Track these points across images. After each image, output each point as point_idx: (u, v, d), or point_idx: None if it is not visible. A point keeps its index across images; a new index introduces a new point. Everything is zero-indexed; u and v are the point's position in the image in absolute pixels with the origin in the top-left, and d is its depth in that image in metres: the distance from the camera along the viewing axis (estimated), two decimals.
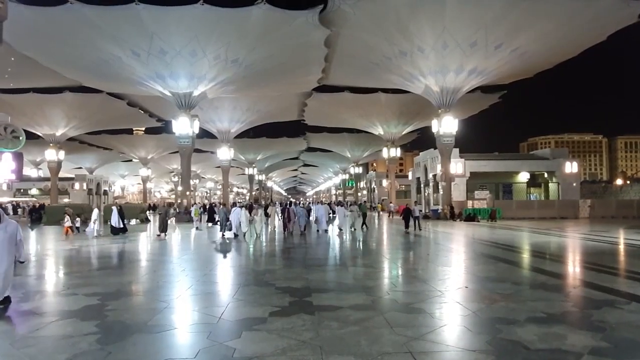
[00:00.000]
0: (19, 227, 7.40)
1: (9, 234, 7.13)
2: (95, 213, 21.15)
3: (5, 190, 59.16)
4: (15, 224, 7.38)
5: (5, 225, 7.17)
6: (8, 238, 7.11)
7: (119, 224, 21.05)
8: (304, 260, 13.02)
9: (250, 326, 6.07)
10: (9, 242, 7.14)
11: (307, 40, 26.52)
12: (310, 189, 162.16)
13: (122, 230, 21.19)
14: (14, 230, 7.26)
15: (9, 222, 7.28)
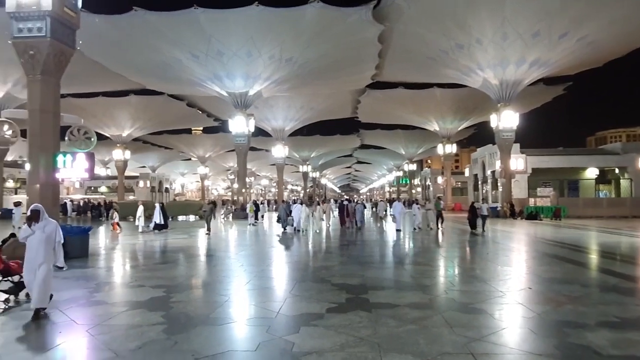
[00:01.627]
0: (58, 227, 6.80)
1: (46, 234, 6.50)
2: (140, 210, 22.21)
3: (78, 188, 63.49)
4: (54, 223, 6.75)
5: (44, 224, 6.54)
6: (46, 239, 6.49)
7: (161, 221, 22.03)
8: (360, 257, 12.98)
9: (308, 321, 6.14)
10: (47, 244, 6.51)
11: (360, 36, 26.37)
12: (363, 186, 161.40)
13: (164, 226, 22.07)
14: (53, 230, 6.63)
15: (48, 221, 6.64)
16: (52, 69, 12.52)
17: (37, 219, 6.49)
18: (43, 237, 6.45)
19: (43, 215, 6.59)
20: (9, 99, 32.08)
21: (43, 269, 6.36)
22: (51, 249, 6.57)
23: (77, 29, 13.44)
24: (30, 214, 6.55)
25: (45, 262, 6.43)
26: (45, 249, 6.45)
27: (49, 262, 6.49)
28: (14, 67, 27.24)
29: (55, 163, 12.63)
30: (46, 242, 6.47)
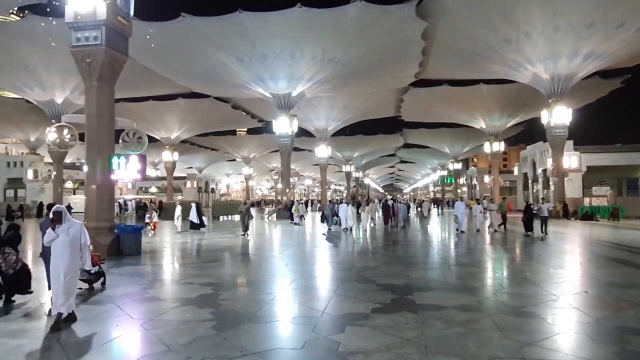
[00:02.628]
0: (83, 228, 6.40)
1: (71, 236, 6.13)
2: (179, 210, 22.81)
3: (130, 189, 66.35)
4: (79, 224, 6.36)
5: (68, 226, 6.16)
6: (70, 241, 6.11)
7: (197, 220, 22.60)
8: (405, 258, 12.83)
9: (353, 321, 6.13)
10: (72, 246, 6.13)
11: (403, 34, 26.04)
12: (407, 186, 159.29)
13: (200, 225, 22.58)
14: (78, 232, 6.26)
15: (72, 222, 6.26)
16: (107, 76, 13.16)
17: (61, 221, 6.11)
18: (67, 239, 6.09)
19: (66, 217, 6.21)
20: (67, 105, 34.03)
21: (68, 274, 6.00)
22: (77, 252, 6.20)
23: (130, 36, 14.06)
24: (53, 216, 6.14)
25: (71, 266, 6.07)
26: (70, 252, 6.08)
27: (74, 266, 6.16)
28: (72, 74, 28.88)
29: (110, 165, 13.26)
30: (71, 245, 6.10)
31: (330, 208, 22.74)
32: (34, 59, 29.39)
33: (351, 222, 21.41)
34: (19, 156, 52.71)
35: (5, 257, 7.51)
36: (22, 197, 44.18)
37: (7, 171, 45.39)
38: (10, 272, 7.45)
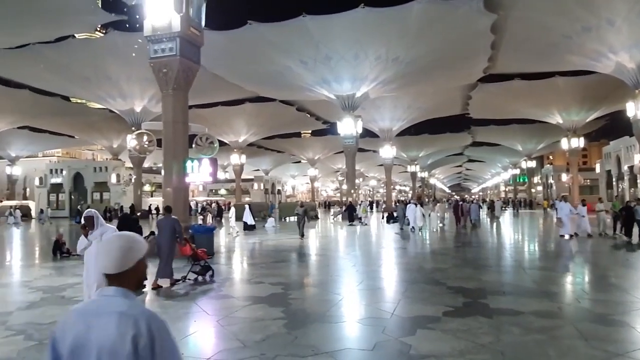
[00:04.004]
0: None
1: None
2: (232, 211, 23.31)
3: (201, 191, 69.56)
4: (112, 230, 5.95)
5: (101, 232, 5.76)
6: None
7: (251, 221, 23.06)
8: (477, 260, 12.39)
9: (424, 324, 6.02)
10: None
11: (471, 29, 25.12)
12: (475, 186, 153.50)
13: (254, 227, 23.00)
14: None
15: (105, 228, 5.86)
16: (181, 84, 13.91)
17: (93, 227, 5.71)
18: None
19: (99, 222, 5.79)
20: (145, 113, 36.38)
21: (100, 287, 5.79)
22: None
23: (201, 46, 14.76)
24: (85, 221, 5.73)
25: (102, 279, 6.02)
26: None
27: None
28: (150, 84, 30.81)
29: (185, 168, 13.98)
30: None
31: (402, 209, 22.91)
32: (116, 71, 31.71)
33: (420, 222, 21.40)
34: (103, 162, 57.03)
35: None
36: (107, 200, 47.69)
37: (94, 176, 49.22)
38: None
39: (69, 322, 1.66)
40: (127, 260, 1.72)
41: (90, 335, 1.59)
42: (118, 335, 1.56)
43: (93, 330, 1.59)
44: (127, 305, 1.64)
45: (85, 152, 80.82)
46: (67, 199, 48.69)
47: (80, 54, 29.78)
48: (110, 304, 1.64)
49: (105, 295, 1.68)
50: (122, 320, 1.58)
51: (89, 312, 1.66)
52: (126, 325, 1.57)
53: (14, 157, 55.42)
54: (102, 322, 1.60)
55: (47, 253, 14.54)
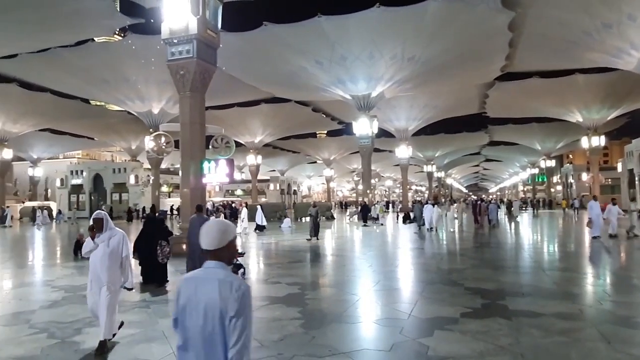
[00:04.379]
0: (125, 238, 5.50)
1: (111, 248, 5.31)
2: (244, 212, 23.42)
3: (218, 192, 70.14)
4: (120, 234, 5.46)
5: (109, 235, 5.35)
6: (110, 253, 5.29)
7: (262, 222, 23.14)
8: (495, 261, 12.25)
9: (442, 325, 5.98)
10: (112, 259, 5.31)
11: (488, 27, 24.84)
12: (493, 185, 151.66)
13: (263, 227, 23.06)
14: (119, 242, 5.39)
15: (114, 232, 5.42)
16: (198, 86, 14.05)
17: (101, 229, 5.33)
18: (107, 251, 5.27)
19: (108, 225, 5.37)
20: (163, 115, 36.83)
21: (108, 292, 5.21)
22: (117, 266, 5.36)
23: (218, 47, 14.89)
24: (93, 224, 5.36)
25: (110, 283, 5.27)
26: (109, 266, 5.26)
27: (114, 283, 5.33)
28: (167, 86, 31.20)
29: (202, 169, 14.11)
30: (110, 258, 5.27)
31: (419, 209, 22.96)
32: (134, 74, 32.18)
33: (437, 222, 21.49)
34: (122, 163, 58.01)
35: (162, 248, 9.22)
36: (126, 201, 48.45)
37: (113, 177, 50.06)
38: (164, 261, 9.16)
39: (183, 286, 2.30)
40: (221, 239, 2.29)
41: (198, 295, 2.22)
42: (218, 295, 2.17)
43: (200, 291, 2.22)
44: (224, 275, 2.24)
45: (104, 153, 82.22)
46: (87, 199, 49.61)
47: (100, 57, 30.31)
48: (212, 273, 2.25)
49: (208, 267, 2.28)
50: (220, 284, 2.19)
51: (197, 279, 2.28)
52: (223, 288, 2.18)
53: (35, 159, 56.67)
54: (206, 286, 2.22)
55: (68, 253, 14.83)
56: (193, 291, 2.23)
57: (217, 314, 2.14)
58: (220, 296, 2.15)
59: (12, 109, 38.72)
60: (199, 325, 2.18)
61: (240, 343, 2.11)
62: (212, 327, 2.15)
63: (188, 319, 2.22)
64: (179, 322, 2.28)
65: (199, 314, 2.18)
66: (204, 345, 2.17)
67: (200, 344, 2.18)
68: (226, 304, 2.14)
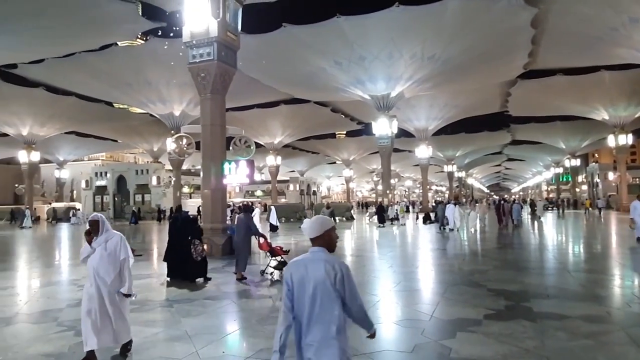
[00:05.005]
0: (123, 241, 5.12)
1: (108, 251, 4.99)
2: (257, 212, 23.47)
3: (238, 192, 70.68)
4: (118, 236, 5.11)
5: (106, 238, 5.04)
6: (108, 257, 4.97)
7: (276, 222, 23.16)
8: (518, 262, 12.04)
9: (465, 327, 5.90)
10: (111, 263, 4.98)
11: (510, 24, 24.46)
12: (515, 185, 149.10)
13: (276, 228, 23.10)
14: (116, 245, 5.05)
15: (111, 234, 5.10)
16: (219, 88, 14.20)
17: (97, 232, 5.03)
18: (105, 254, 4.97)
19: (104, 227, 5.05)
20: (184, 116, 37.36)
21: (113, 297, 4.96)
22: (115, 270, 5.00)
23: (238, 50, 15.03)
24: (89, 227, 5.08)
25: (112, 288, 4.95)
26: (108, 269, 4.94)
27: (115, 288, 4.99)
28: (188, 89, 31.61)
29: (223, 170, 14.26)
30: (108, 262, 4.96)
31: (441, 209, 22.91)
32: (156, 77, 32.72)
33: (459, 223, 21.38)
34: (144, 164, 58.89)
35: (195, 247, 9.70)
36: (148, 202, 49.24)
37: (136, 178, 50.93)
38: (198, 259, 9.65)
39: (293, 267, 2.95)
40: (320, 229, 2.97)
41: (308, 273, 2.85)
42: (325, 273, 2.83)
43: (309, 270, 2.86)
44: (327, 256, 2.92)
45: (127, 155, 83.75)
46: (111, 200, 50.60)
47: (123, 61, 30.94)
48: (318, 255, 2.92)
49: (314, 251, 2.95)
50: (326, 264, 2.86)
51: (306, 261, 2.94)
52: (329, 267, 2.84)
53: (62, 161, 58.15)
54: (314, 266, 2.87)
55: None
56: (304, 270, 2.88)
57: (327, 284, 2.81)
58: (326, 272, 2.82)
59: (39, 112, 39.81)
60: (310, 294, 2.81)
61: (357, 300, 2.92)
62: (322, 294, 2.81)
63: (302, 291, 2.85)
64: (294, 293, 2.88)
65: (311, 286, 2.81)
66: (315, 308, 2.81)
67: (310, 308, 2.81)
68: (332, 277, 2.81)
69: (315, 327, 2.81)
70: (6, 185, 63.55)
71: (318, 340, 2.79)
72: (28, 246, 20.66)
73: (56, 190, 60.62)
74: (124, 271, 5.05)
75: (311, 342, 2.80)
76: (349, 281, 2.87)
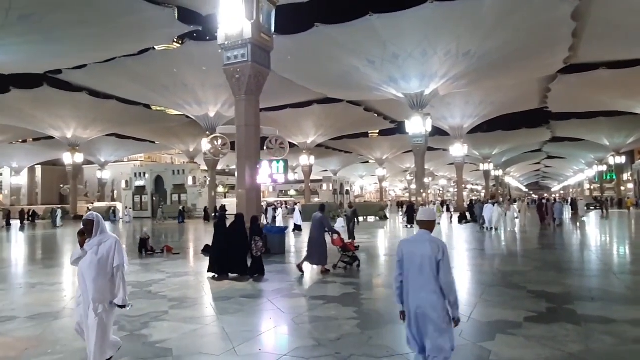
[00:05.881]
0: (119, 245, 4.54)
1: (100, 255, 4.41)
2: (280, 212, 23.43)
3: (272, 192, 71.40)
4: (113, 240, 4.52)
5: (99, 241, 4.46)
6: (98, 262, 4.39)
7: (300, 222, 23.02)
8: (560, 263, 11.64)
9: (504, 329, 5.76)
10: (100, 269, 4.39)
11: (550, 17, 23.65)
12: (555, 184, 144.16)
13: (300, 227, 22.95)
14: (109, 250, 4.46)
15: (105, 236, 4.52)
16: (253, 89, 14.38)
17: (91, 233, 4.48)
18: (95, 260, 4.38)
19: (99, 228, 4.51)
20: (219, 117, 38.05)
21: (96, 311, 4.33)
22: (106, 277, 4.44)
23: (271, 50, 15.17)
24: (83, 226, 4.53)
25: (98, 300, 4.36)
26: (95, 277, 4.36)
27: (104, 299, 4.41)
28: (222, 90, 32.20)
29: (257, 170, 14.42)
30: (99, 267, 4.38)
31: (479, 208, 22.74)
32: (191, 79, 33.47)
33: (497, 222, 21.00)
34: (181, 165, 60.38)
35: (255, 243, 10.25)
36: (184, 201, 50.42)
37: (173, 178, 52.23)
38: (258, 255, 10.21)
39: (404, 244, 3.89)
40: (428, 217, 3.93)
41: (416, 249, 3.74)
42: (430, 249, 3.65)
43: (417, 247, 3.74)
44: (431, 237, 3.78)
45: (164, 156, 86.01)
46: (149, 200, 52.09)
47: (160, 65, 31.80)
48: (422, 237, 3.80)
49: (421, 234, 3.84)
50: (430, 243, 3.70)
51: (414, 240, 3.88)
52: (433, 245, 3.68)
53: (103, 162, 60.36)
54: (421, 244, 3.74)
55: (133, 251, 15.65)
56: (412, 246, 3.79)
57: (430, 259, 3.62)
58: (431, 249, 3.65)
59: (82, 115, 41.46)
60: (417, 265, 3.67)
61: (449, 276, 3.65)
62: (426, 267, 3.63)
63: (409, 261, 3.74)
64: (403, 262, 3.79)
65: (417, 259, 3.68)
66: (419, 277, 3.65)
67: (416, 275, 3.67)
68: (435, 253, 3.62)
69: (421, 291, 3.64)
70: (52, 186, 66.67)
71: (423, 300, 3.63)
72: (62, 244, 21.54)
73: (98, 190, 62.99)
74: (116, 279, 4.47)
75: (418, 303, 3.65)
76: (446, 259, 3.65)
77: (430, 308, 3.57)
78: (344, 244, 11.18)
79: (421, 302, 3.61)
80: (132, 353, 5.19)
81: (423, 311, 3.59)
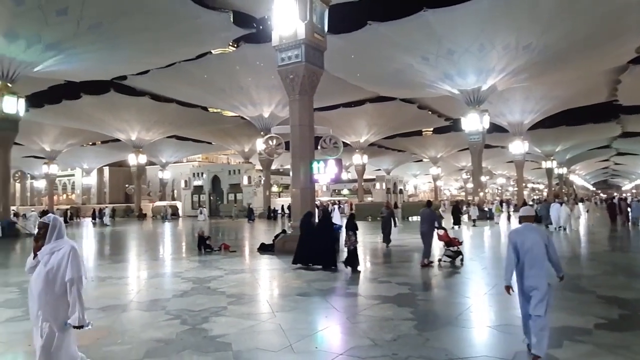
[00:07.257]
0: (74, 255, 3.71)
1: (48, 267, 3.65)
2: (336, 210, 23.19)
3: (325, 191, 71.73)
4: (68, 247, 3.72)
5: (51, 249, 3.72)
6: (45, 275, 3.64)
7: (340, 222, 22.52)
8: (633, 267, 10.87)
9: (572, 336, 5.45)
10: (47, 282, 3.63)
11: (618, 3, 22.13)
12: (627, 182, 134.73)
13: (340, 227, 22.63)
14: (62, 260, 3.67)
15: (60, 244, 3.75)
16: (307, 89, 14.52)
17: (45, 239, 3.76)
18: (42, 271, 3.66)
19: (54, 233, 3.76)
20: (273, 118, 38.78)
21: (42, 329, 3.64)
22: (56, 292, 3.66)
23: (324, 50, 15.25)
24: (38, 231, 3.87)
25: (46, 317, 3.64)
26: (43, 292, 3.63)
27: (54, 317, 3.66)
28: (276, 91, 32.78)
29: (311, 169, 14.55)
30: (46, 281, 3.64)
31: (545, 207, 22.13)
32: (246, 81, 34.33)
33: (564, 222, 20.29)
34: (236, 165, 61.99)
35: (349, 237, 10.92)
36: (240, 200, 51.77)
37: (229, 178, 53.80)
38: (351, 249, 10.82)
39: (515, 233, 4.92)
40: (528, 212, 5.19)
41: (527, 237, 4.80)
42: (539, 237, 4.82)
43: (527, 235, 4.82)
44: (536, 227, 4.99)
45: (221, 156, 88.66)
46: (207, 199, 53.92)
47: (216, 68, 32.86)
48: (530, 227, 4.94)
49: (527, 225, 4.96)
50: (538, 232, 4.91)
51: (524, 230, 4.91)
52: (542, 233, 4.94)
53: (164, 163, 63.19)
54: (531, 233, 4.86)
55: (192, 248, 16.26)
56: (525, 234, 4.81)
57: (539, 243, 4.74)
58: (540, 236, 4.80)
59: (145, 119, 43.69)
60: (530, 249, 4.72)
61: (556, 254, 4.86)
62: (538, 250, 4.72)
63: (523, 247, 4.74)
64: (518, 249, 4.77)
65: (531, 244, 4.73)
66: (534, 258, 4.72)
67: (532, 258, 4.72)
68: (544, 240, 4.77)
69: (532, 270, 4.70)
70: (118, 185, 70.65)
71: (534, 277, 4.70)
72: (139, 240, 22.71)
73: (160, 189, 66.04)
74: (70, 295, 3.64)
75: (531, 281, 4.71)
76: (551, 242, 4.79)
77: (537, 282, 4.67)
78: (450, 239, 11.72)
79: (531, 277, 4.69)
80: (193, 346, 5.39)
81: (531, 283, 4.70)
